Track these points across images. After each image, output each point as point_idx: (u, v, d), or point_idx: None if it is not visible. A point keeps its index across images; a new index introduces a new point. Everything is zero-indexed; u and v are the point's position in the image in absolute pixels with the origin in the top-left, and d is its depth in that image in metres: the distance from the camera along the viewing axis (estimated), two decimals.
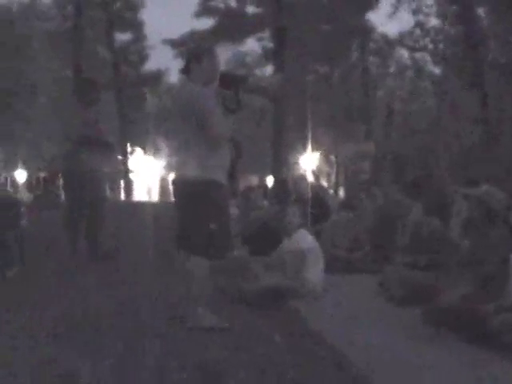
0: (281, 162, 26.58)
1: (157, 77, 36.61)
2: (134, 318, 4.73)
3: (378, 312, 5.34)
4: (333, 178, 37.16)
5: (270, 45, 29.20)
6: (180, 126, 4.59)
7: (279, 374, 3.52)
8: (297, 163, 32.65)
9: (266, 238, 7.62)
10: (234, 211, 9.06)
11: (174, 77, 36.00)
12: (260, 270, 6.15)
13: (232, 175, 4.77)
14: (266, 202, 11.29)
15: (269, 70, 29.77)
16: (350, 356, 3.92)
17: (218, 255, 4.56)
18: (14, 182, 40.54)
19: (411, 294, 5.50)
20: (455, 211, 7.37)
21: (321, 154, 35.45)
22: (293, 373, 3.55)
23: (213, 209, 4.42)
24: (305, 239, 6.16)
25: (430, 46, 29.46)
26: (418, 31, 29.59)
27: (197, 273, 4.45)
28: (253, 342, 4.18)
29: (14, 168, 39.45)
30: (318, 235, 7.44)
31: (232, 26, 27.86)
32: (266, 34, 29.28)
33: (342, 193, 30.36)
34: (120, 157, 32.80)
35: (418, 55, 30.82)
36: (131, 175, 37.35)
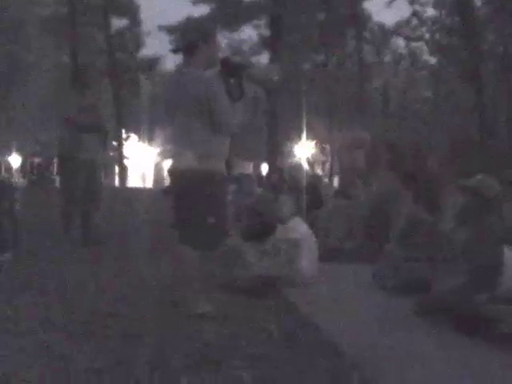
0: (276, 150, 26.57)
1: (152, 63, 36.39)
2: (126, 304, 4.73)
3: (370, 302, 5.34)
4: (327, 166, 37.18)
5: (267, 32, 29.14)
6: (182, 115, 4.34)
7: (272, 362, 3.52)
8: (292, 151, 32.67)
9: (260, 225, 7.61)
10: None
11: (169, 63, 35.87)
12: (253, 258, 6.14)
13: (227, 162, 4.72)
14: (260, 189, 11.30)
15: (265, 57, 29.73)
16: (343, 344, 3.93)
17: (213, 247, 4.54)
18: (7, 167, 40.49)
19: (404, 285, 5.52)
20: (451, 202, 7.36)
21: (316, 142, 35.47)
22: (286, 361, 3.56)
23: (212, 201, 4.33)
24: (299, 228, 6.14)
25: (427, 36, 29.50)
26: (414, 21, 29.64)
27: (189, 260, 4.43)
28: (245, 330, 4.18)
29: (9, 153, 39.34)
30: (312, 224, 7.44)
31: (228, 13, 27.77)
32: (263, 21, 29.22)
33: (336, 182, 30.37)
34: (115, 143, 32.72)
35: (414, 45, 30.87)
36: (126, 161, 37.24)
